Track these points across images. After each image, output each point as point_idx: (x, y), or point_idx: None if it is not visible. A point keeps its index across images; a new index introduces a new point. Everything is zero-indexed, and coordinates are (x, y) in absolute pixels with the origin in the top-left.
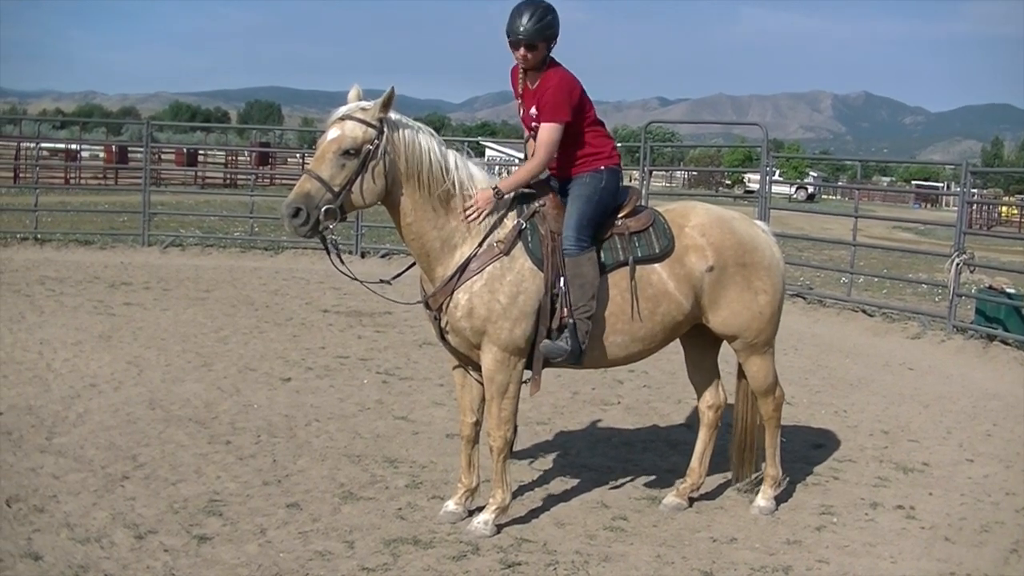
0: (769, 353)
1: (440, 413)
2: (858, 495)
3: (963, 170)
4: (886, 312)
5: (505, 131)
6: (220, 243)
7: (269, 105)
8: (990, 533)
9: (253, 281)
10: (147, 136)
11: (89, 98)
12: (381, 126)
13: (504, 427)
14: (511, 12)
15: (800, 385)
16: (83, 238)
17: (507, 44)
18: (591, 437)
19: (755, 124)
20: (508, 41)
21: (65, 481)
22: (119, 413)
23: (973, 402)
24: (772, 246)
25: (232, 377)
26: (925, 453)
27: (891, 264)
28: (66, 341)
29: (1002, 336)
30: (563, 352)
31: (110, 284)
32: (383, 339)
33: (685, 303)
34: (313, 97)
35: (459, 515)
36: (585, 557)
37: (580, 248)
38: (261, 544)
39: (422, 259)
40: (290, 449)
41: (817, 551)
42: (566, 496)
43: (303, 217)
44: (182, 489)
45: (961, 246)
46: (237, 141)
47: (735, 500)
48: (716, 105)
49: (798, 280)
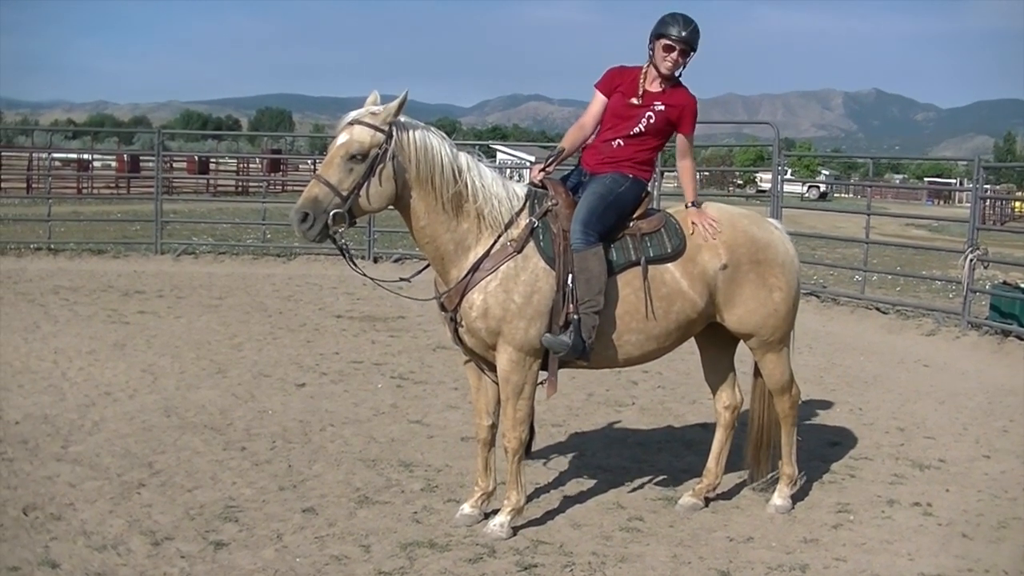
0: (784, 351)
1: (455, 416)
2: (875, 492)
3: (975, 166)
4: (900, 309)
5: (516, 134)
6: (233, 250)
7: (280, 112)
8: (1008, 529)
9: (266, 288)
10: (159, 145)
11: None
12: (390, 130)
13: (519, 428)
14: (667, 18)
15: (816, 383)
16: (96, 247)
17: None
18: (606, 438)
19: (766, 123)
20: (661, 43)
21: (81, 489)
22: (134, 421)
23: (989, 398)
24: (786, 243)
25: (247, 383)
26: (941, 450)
27: (904, 261)
28: (80, 350)
29: (1017, 331)
30: (564, 346)
31: (123, 293)
32: (397, 343)
33: (699, 301)
34: (324, 103)
35: (475, 518)
36: (602, 558)
37: (586, 243)
38: (277, 549)
39: (436, 262)
40: (305, 454)
41: (834, 549)
42: (582, 497)
43: (311, 222)
44: (198, 495)
45: (975, 242)
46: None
47: (751, 499)
48: (727, 105)
49: (812, 279)
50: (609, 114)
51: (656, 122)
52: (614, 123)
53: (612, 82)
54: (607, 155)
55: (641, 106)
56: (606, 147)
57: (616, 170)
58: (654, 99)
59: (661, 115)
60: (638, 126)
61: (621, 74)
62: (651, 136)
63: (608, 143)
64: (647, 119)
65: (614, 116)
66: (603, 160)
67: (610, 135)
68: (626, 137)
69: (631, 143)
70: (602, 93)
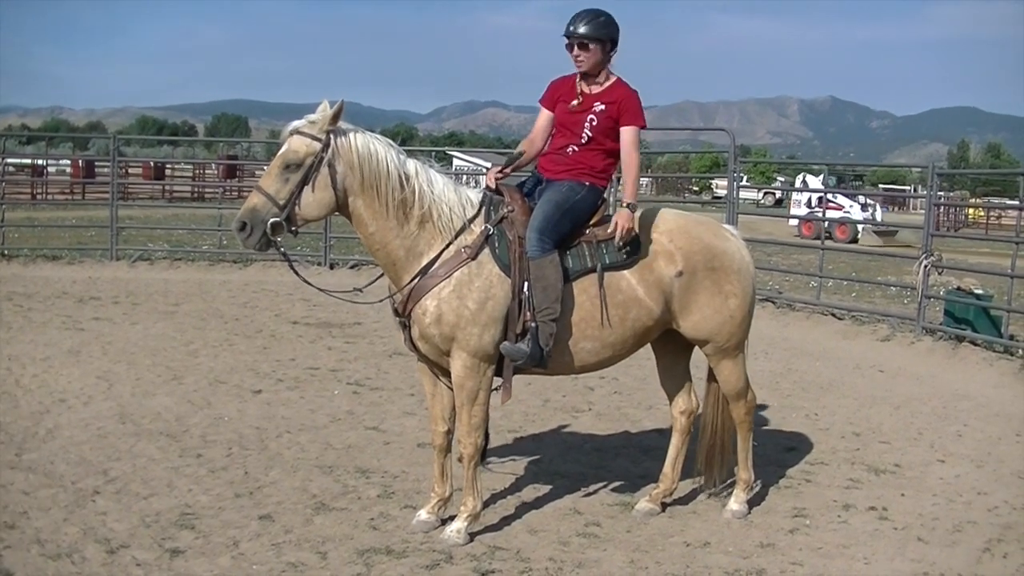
0: (740, 357)
1: (411, 423)
2: (831, 497)
3: (930, 173)
4: (855, 315)
5: (472, 141)
6: (189, 256)
7: (236, 118)
8: (963, 533)
9: (222, 294)
10: (114, 150)
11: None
12: (327, 139)
13: (474, 434)
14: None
15: (771, 389)
16: (51, 253)
17: None
18: (563, 444)
19: (722, 130)
20: (565, 45)
21: (35, 497)
22: (89, 428)
23: (943, 403)
24: (741, 250)
25: (202, 390)
26: (897, 454)
27: (860, 267)
28: (35, 357)
29: (971, 337)
30: (523, 355)
31: (78, 299)
32: (353, 350)
33: (655, 308)
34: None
35: (432, 524)
36: (559, 564)
37: (542, 250)
38: (234, 556)
39: (389, 268)
40: (262, 461)
41: (791, 553)
42: (539, 503)
43: (248, 231)
44: (154, 503)
45: (929, 248)
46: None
47: (708, 504)
48: (683, 112)
49: (767, 285)
50: (557, 124)
51: (600, 123)
52: (563, 131)
53: (554, 94)
54: (563, 163)
55: (582, 110)
56: (562, 155)
57: (574, 178)
58: (593, 100)
59: (603, 115)
60: (584, 131)
61: (561, 84)
62: (601, 137)
63: (563, 151)
64: (590, 122)
65: (561, 125)
66: (560, 168)
67: (562, 142)
68: (579, 144)
69: (585, 150)
70: (546, 107)
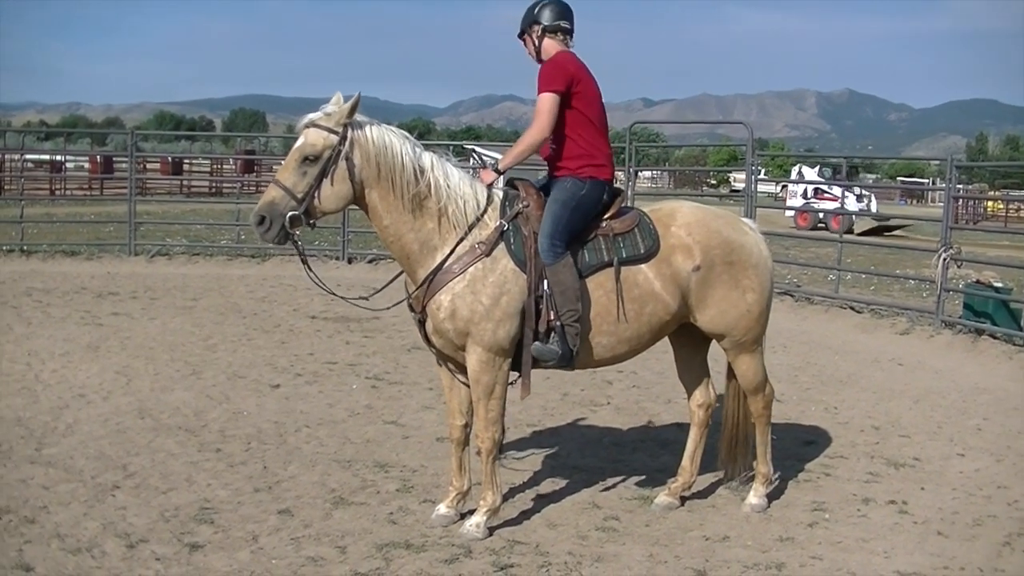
0: (758, 351)
1: (430, 417)
2: (850, 491)
3: (948, 165)
4: (874, 308)
5: (490, 135)
6: (207, 251)
7: (254, 113)
8: (982, 527)
9: (240, 289)
10: (132, 146)
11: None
12: (344, 131)
13: (492, 428)
14: None
15: (790, 382)
16: (69, 249)
17: None
18: (581, 438)
19: (740, 123)
20: None
21: (55, 492)
22: (108, 423)
23: (963, 396)
24: (759, 244)
25: (221, 385)
26: (916, 448)
27: (878, 261)
28: (54, 352)
29: (990, 330)
30: (554, 355)
31: (97, 294)
32: (371, 344)
33: (672, 303)
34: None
35: (451, 518)
36: (578, 558)
37: (554, 255)
38: (253, 551)
39: (403, 262)
40: (280, 455)
41: (810, 547)
42: (557, 497)
43: (267, 224)
44: (173, 497)
45: (948, 241)
46: (222, 149)
47: (727, 498)
48: (701, 105)
49: (785, 278)
50: None
51: None
52: None
53: None
54: (552, 160)
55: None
56: (551, 152)
57: (570, 173)
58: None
59: None
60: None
61: None
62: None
63: (549, 148)
64: None
65: None
66: (553, 166)
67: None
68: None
69: (557, 141)
70: None
